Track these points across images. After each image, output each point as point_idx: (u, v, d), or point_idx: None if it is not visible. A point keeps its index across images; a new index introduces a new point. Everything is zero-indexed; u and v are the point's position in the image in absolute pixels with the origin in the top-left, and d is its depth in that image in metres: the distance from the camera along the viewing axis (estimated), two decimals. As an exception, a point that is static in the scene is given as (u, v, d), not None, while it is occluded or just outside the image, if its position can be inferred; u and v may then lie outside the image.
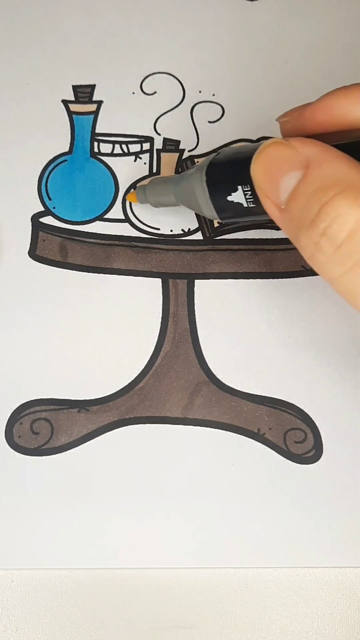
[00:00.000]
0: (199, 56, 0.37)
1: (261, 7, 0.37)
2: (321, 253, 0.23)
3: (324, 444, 0.32)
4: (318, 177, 0.23)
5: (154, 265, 0.34)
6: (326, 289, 0.34)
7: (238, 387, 0.33)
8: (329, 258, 0.23)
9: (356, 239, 0.22)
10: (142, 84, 0.36)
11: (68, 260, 0.34)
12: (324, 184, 0.23)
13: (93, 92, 0.36)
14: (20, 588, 0.31)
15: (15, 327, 0.33)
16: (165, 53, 0.37)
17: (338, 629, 0.31)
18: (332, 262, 0.23)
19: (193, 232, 0.34)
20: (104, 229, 0.34)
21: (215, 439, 0.32)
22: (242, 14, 0.37)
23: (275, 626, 0.31)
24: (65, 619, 0.30)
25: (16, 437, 0.32)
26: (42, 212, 0.34)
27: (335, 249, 0.22)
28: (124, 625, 0.30)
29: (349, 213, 0.22)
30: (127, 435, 0.32)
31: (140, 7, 0.37)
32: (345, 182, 0.22)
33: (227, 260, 0.34)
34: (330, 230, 0.22)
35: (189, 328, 0.33)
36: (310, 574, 0.31)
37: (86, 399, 0.32)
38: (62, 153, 0.35)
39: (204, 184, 0.28)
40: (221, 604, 0.31)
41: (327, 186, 0.22)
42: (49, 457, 0.32)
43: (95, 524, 0.31)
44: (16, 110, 0.36)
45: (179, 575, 0.31)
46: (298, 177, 0.23)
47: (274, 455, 0.32)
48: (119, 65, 0.37)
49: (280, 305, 0.34)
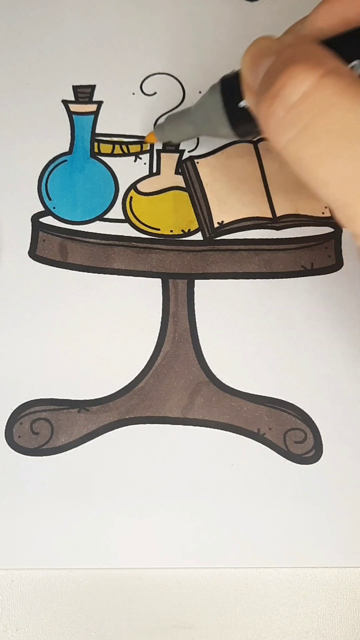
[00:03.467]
0: (199, 56, 0.37)
1: (261, 7, 0.37)
2: (273, 117, 0.23)
3: (324, 444, 0.32)
4: (285, 54, 0.23)
5: (154, 265, 0.34)
6: (326, 289, 0.34)
7: (238, 387, 0.33)
8: (280, 121, 0.23)
9: (308, 102, 0.22)
10: (142, 85, 0.36)
11: (68, 260, 0.34)
12: (287, 57, 0.23)
13: (93, 93, 0.36)
14: (20, 588, 0.31)
15: (15, 327, 0.33)
16: (165, 53, 0.37)
17: (338, 629, 0.31)
18: (283, 126, 0.23)
19: (193, 232, 0.34)
20: (104, 229, 0.34)
21: (215, 439, 0.32)
22: (242, 14, 0.37)
23: (275, 626, 0.30)
24: (65, 619, 0.30)
25: (16, 437, 0.32)
26: (42, 212, 0.34)
27: (287, 112, 0.22)
28: (124, 625, 0.30)
29: (305, 76, 0.22)
30: (127, 435, 0.32)
31: (140, 7, 0.37)
32: (307, 54, 0.23)
33: (227, 260, 0.34)
34: (284, 92, 0.22)
35: (189, 328, 0.33)
36: (310, 574, 0.31)
37: (86, 399, 0.32)
38: (62, 153, 0.35)
39: (219, 96, 0.29)
40: (221, 604, 0.31)
41: (290, 57, 0.23)
42: (49, 457, 0.32)
43: (95, 524, 0.31)
44: (16, 110, 0.36)
45: (179, 575, 0.31)
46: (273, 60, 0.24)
47: (274, 455, 0.32)
48: (119, 66, 0.37)
49: (280, 305, 0.34)
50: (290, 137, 0.23)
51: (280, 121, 0.23)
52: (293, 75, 0.22)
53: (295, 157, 0.23)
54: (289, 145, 0.23)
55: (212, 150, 0.35)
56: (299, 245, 0.34)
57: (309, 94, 0.22)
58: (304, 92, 0.22)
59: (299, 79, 0.22)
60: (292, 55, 0.23)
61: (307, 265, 0.34)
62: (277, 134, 0.23)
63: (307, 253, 0.34)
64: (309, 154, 0.22)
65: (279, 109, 0.22)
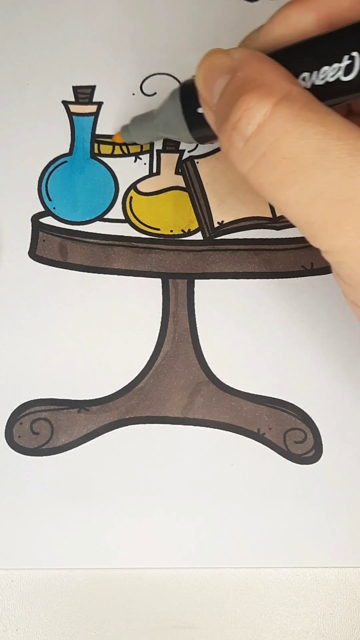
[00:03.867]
0: (199, 57, 0.37)
1: (261, 7, 0.37)
2: (233, 148, 0.24)
3: (324, 444, 0.32)
4: (239, 77, 0.24)
5: (154, 265, 0.34)
6: (326, 289, 0.34)
7: (238, 387, 0.33)
8: (239, 152, 0.24)
9: (264, 133, 0.22)
10: (142, 85, 0.36)
11: (68, 260, 0.34)
12: (241, 82, 0.23)
13: (93, 93, 0.36)
14: (20, 588, 0.31)
15: (15, 327, 0.33)
16: (165, 54, 0.37)
17: (338, 629, 0.31)
18: (242, 156, 0.24)
19: (193, 232, 0.34)
20: (104, 229, 0.34)
21: (215, 439, 0.32)
22: (242, 14, 0.37)
23: (275, 626, 0.30)
24: (65, 619, 0.30)
25: (16, 437, 0.32)
26: (42, 213, 0.34)
27: (245, 143, 0.23)
28: (124, 625, 0.30)
29: (258, 108, 0.22)
30: (127, 435, 0.32)
31: (141, 8, 0.37)
32: (259, 81, 0.23)
33: (227, 260, 0.34)
34: (240, 124, 0.23)
35: (189, 328, 0.33)
36: (310, 574, 0.31)
37: (86, 399, 0.32)
38: (62, 154, 0.35)
39: (179, 101, 0.29)
40: (221, 604, 0.31)
41: (243, 83, 0.23)
42: (49, 457, 0.32)
43: (95, 524, 0.31)
44: (16, 110, 0.36)
45: (179, 575, 0.31)
46: (227, 80, 0.24)
47: (274, 455, 0.32)
48: (119, 66, 0.37)
49: (280, 305, 0.34)
50: (250, 166, 0.23)
51: (239, 152, 0.24)
52: (248, 106, 0.23)
53: (256, 184, 0.24)
54: (250, 173, 0.24)
55: (212, 150, 0.35)
56: (299, 245, 0.34)
57: (264, 125, 0.22)
58: (259, 124, 0.23)
59: (253, 110, 0.23)
60: (244, 80, 0.23)
61: (307, 265, 0.34)
62: (238, 162, 0.24)
63: (307, 253, 0.34)
64: (267, 181, 0.23)
65: (237, 140, 0.23)
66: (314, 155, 0.22)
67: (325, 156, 0.22)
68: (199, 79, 0.26)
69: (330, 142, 0.22)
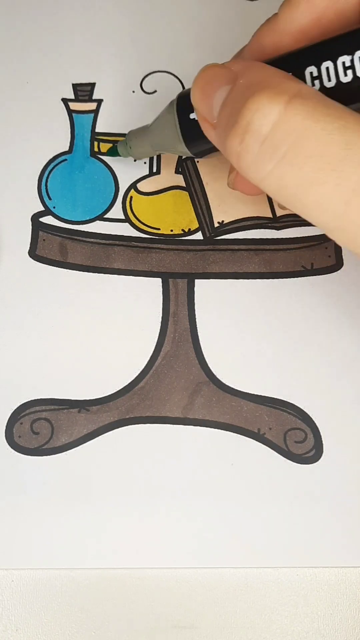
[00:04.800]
0: (199, 55, 0.37)
1: (261, 7, 0.37)
2: (247, 151, 0.22)
3: (324, 444, 0.32)
4: (243, 83, 0.23)
5: (154, 265, 0.34)
6: (326, 289, 0.34)
7: (238, 387, 0.33)
8: (256, 155, 0.22)
9: (281, 131, 0.21)
10: (142, 83, 0.36)
11: (68, 260, 0.34)
12: (246, 86, 0.22)
13: (93, 91, 0.36)
14: (20, 588, 0.31)
15: (15, 327, 0.33)
16: (165, 52, 0.37)
17: (338, 629, 0.31)
18: (260, 159, 0.22)
19: (193, 232, 0.34)
20: (104, 229, 0.34)
21: (215, 439, 0.32)
22: (242, 13, 0.37)
23: (275, 626, 0.31)
24: (65, 619, 0.30)
25: (16, 437, 0.32)
26: (42, 212, 0.34)
27: (261, 144, 0.22)
28: (124, 625, 0.30)
29: (271, 106, 0.21)
30: (127, 435, 0.32)
31: (141, 5, 0.37)
32: (266, 82, 0.22)
33: (227, 260, 0.34)
34: (253, 125, 0.22)
35: (189, 328, 0.33)
36: (310, 574, 0.31)
37: (86, 399, 0.32)
38: (62, 152, 0.35)
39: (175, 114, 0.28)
40: (221, 604, 0.31)
41: (250, 86, 0.22)
42: (49, 457, 0.32)
43: (95, 524, 0.31)
44: (16, 109, 0.36)
45: (179, 575, 0.31)
46: (228, 90, 0.23)
47: (274, 455, 0.32)
48: (119, 64, 0.37)
49: (280, 305, 0.34)
50: (269, 169, 0.22)
51: (255, 155, 0.22)
52: (259, 106, 0.22)
53: (277, 187, 0.22)
54: (269, 176, 0.22)
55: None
56: (299, 245, 0.34)
57: (280, 123, 0.21)
58: (274, 122, 0.21)
59: (266, 109, 0.21)
60: (249, 84, 0.23)
61: (307, 265, 0.34)
62: (254, 168, 0.22)
63: (307, 253, 0.34)
64: (293, 182, 0.22)
65: (253, 143, 0.22)
66: (342, 150, 0.21)
67: (354, 150, 0.20)
68: (195, 95, 0.25)
69: (354, 135, 0.21)
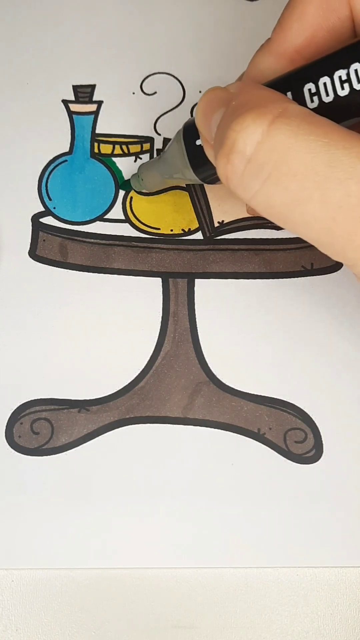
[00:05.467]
0: (199, 56, 0.37)
1: (261, 7, 0.37)
2: (233, 172, 0.23)
3: (324, 444, 0.32)
4: (233, 105, 0.23)
5: (154, 265, 0.34)
6: (326, 289, 0.34)
7: (238, 387, 0.33)
8: (242, 175, 0.22)
9: (265, 151, 0.22)
10: (143, 84, 0.36)
11: (68, 260, 0.34)
12: (235, 108, 0.23)
13: (93, 92, 0.36)
14: (20, 588, 0.31)
15: (15, 327, 0.33)
16: (165, 53, 0.37)
17: (338, 629, 0.31)
18: (246, 180, 0.22)
19: (193, 231, 0.34)
20: (104, 229, 0.34)
21: (215, 439, 0.32)
22: (242, 14, 0.37)
23: (275, 626, 0.30)
24: (65, 619, 0.30)
25: (16, 437, 0.32)
26: (43, 213, 0.34)
27: (246, 164, 0.22)
28: (124, 625, 0.30)
29: (255, 126, 0.22)
30: (127, 435, 0.32)
31: (141, 7, 0.37)
32: (253, 102, 0.22)
33: (227, 260, 0.34)
34: (237, 145, 0.22)
35: (189, 328, 0.33)
36: (310, 574, 0.31)
37: (86, 399, 0.32)
38: (62, 153, 0.35)
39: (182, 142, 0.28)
40: (221, 604, 0.31)
41: (238, 108, 0.23)
42: (49, 457, 0.32)
43: (95, 524, 0.31)
44: (16, 110, 0.36)
45: (179, 575, 0.31)
46: (223, 112, 0.24)
47: (274, 455, 0.32)
48: (119, 65, 0.37)
49: (280, 305, 0.34)
50: (256, 189, 0.22)
51: (241, 175, 0.22)
52: (242, 127, 0.22)
53: (265, 206, 0.23)
54: (256, 196, 0.23)
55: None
56: (299, 245, 0.34)
57: (264, 143, 0.22)
58: (257, 142, 0.22)
59: (249, 129, 0.22)
60: (238, 105, 0.23)
61: (307, 265, 0.34)
62: (242, 187, 0.23)
63: (307, 253, 0.34)
64: (279, 201, 0.22)
65: (238, 163, 0.22)
66: (326, 168, 0.21)
67: (336, 167, 0.21)
68: (198, 116, 0.25)
69: (338, 152, 0.21)
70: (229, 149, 0.22)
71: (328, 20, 0.25)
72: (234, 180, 0.23)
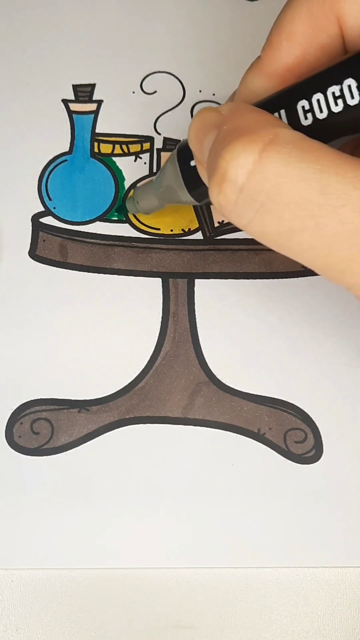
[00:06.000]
0: (199, 56, 0.37)
1: (261, 7, 0.37)
2: (226, 201, 0.22)
3: (324, 444, 0.32)
4: (224, 130, 0.23)
5: (154, 265, 0.34)
6: (326, 289, 0.34)
7: (238, 387, 0.33)
8: (235, 204, 0.22)
9: (256, 180, 0.21)
10: (143, 83, 0.36)
11: (68, 260, 0.34)
12: (226, 134, 0.22)
13: (93, 92, 0.36)
14: (20, 588, 0.31)
15: (15, 327, 0.33)
16: (165, 52, 0.37)
17: (338, 629, 0.31)
18: (239, 209, 0.22)
19: (193, 232, 0.34)
20: (104, 229, 0.34)
21: (215, 439, 0.32)
22: (242, 13, 0.37)
23: (275, 626, 0.31)
24: (65, 619, 0.30)
25: (16, 437, 0.32)
26: (43, 213, 0.34)
27: (238, 194, 0.22)
28: (124, 625, 0.30)
29: (246, 155, 0.21)
30: (127, 435, 0.32)
31: (141, 6, 0.37)
32: (243, 128, 0.22)
33: (228, 260, 0.34)
34: (229, 175, 0.22)
35: (189, 328, 0.33)
36: (310, 574, 0.31)
37: (86, 399, 0.32)
38: (62, 153, 0.35)
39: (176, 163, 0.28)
40: (221, 604, 0.31)
41: (229, 133, 0.22)
42: (49, 457, 0.32)
43: (95, 524, 0.31)
44: (16, 110, 0.36)
45: (179, 575, 0.31)
46: (214, 136, 0.24)
47: (274, 455, 0.32)
48: (119, 65, 0.37)
49: (280, 305, 0.34)
50: (249, 218, 0.22)
51: (234, 205, 0.22)
52: (233, 156, 0.21)
53: (260, 234, 0.23)
54: (250, 224, 0.22)
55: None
56: (299, 245, 0.34)
57: (255, 172, 0.21)
58: (249, 172, 0.21)
59: (241, 159, 0.21)
60: (228, 131, 0.22)
61: (307, 265, 0.34)
62: (235, 216, 0.23)
63: (308, 253, 0.34)
64: (274, 230, 0.22)
65: (230, 193, 0.22)
66: (318, 196, 0.20)
67: (330, 195, 0.20)
68: (190, 139, 0.25)
69: (331, 179, 0.20)
70: (221, 178, 0.22)
71: (318, 38, 0.24)
72: (228, 208, 0.23)
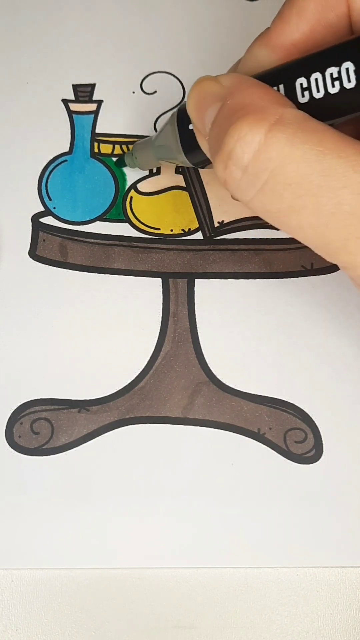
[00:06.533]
0: (198, 55, 0.37)
1: (261, 7, 0.37)
2: (231, 178, 0.23)
3: (324, 444, 0.32)
4: (229, 105, 0.23)
5: (154, 265, 0.34)
6: (326, 289, 0.34)
7: (238, 387, 0.33)
8: (239, 182, 0.23)
9: (262, 160, 0.22)
10: (142, 83, 0.36)
11: (68, 260, 0.34)
12: (232, 110, 0.23)
13: (93, 92, 0.36)
14: (20, 588, 0.31)
15: (15, 327, 0.33)
16: (165, 52, 0.37)
17: (338, 629, 0.31)
18: (243, 186, 0.23)
19: (193, 232, 0.34)
20: (104, 229, 0.34)
21: (215, 439, 0.32)
22: (242, 14, 0.37)
23: (275, 626, 0.31)
24: (65, 619, 0.30)
25: (16, 437, 0.32)
26: (43, 212, 0.34)
27: (243, 172, 0.23)
28: (124, 625, 0.30)
29: (252, 135, 0.22)
30: (127, 435, 0.32)
31: (141, 6, 0.37)
32: (250, 107, 0.23)
33: (228, 260, 0.34)
34: (235, 153, 0.23)
35: (189, 328, 0.33)
36: (310, 574, 0.31)
37: (86, 399, 0.32)
38: (62, 153, 0.35)
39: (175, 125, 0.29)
40: (221, 604, 0.31)
41: (233, 111, 0.23)
42: (49, 457, 0.32)
43: (95, 524, 0.31)
44: (16, 110, 0.36)
45: (179, 575, 0.31)
46: (217, 109, 0.24)
47: (274, 455, 0.32)
48: (119, 65, 0.37)
49: (280, 305, 0.34)
50: (252, 195, 0.23)
51: (238, 182, 0.23)
52: (240, 135, 0.22)
53: (262, 211, 0.23)
54: (253, 201, 0.23)
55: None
56: (299, 245, 0.34)
57: (261, 152, 0.22)
58: (255, 151, 0.22)
59: (247, 138, 0.22)
60: (235, 107, 0.23)
61: (307, 265, 0.34)
62: (239, 192, 0.23)
63: (307, 253, 0.34)
64: (274, 207, 0.23)
65: (235, 171, 0.23)
66: (319, 177, 0.21)
67: (330, 177, 0.21)
68: (190, 108, 0.26)
69: (332, 161, 0.21)
70: (227, 156, 0.23)
71: (326, 16, 0.25)
72: (232, 185, 0.24)
